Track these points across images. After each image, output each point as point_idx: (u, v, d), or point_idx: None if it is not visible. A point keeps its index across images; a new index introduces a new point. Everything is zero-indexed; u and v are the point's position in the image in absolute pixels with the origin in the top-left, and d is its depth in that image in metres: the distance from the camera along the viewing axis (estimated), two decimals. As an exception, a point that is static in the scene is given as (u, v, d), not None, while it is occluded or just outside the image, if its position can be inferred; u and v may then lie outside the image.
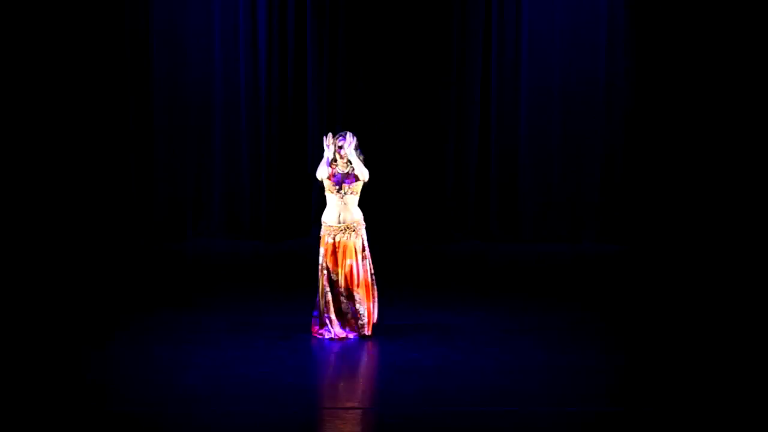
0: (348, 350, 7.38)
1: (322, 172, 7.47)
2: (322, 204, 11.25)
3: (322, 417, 5.77)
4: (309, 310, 8.24)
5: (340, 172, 7.50)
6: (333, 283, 7.51)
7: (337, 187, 7.49)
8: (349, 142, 7.46)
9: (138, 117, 11.31)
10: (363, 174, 7.46)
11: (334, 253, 7.51)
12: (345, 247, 7.49)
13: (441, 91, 11.45)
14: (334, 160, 7.50)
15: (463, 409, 5.81)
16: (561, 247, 11.43)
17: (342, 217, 7.50)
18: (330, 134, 7.50)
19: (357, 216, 7.55)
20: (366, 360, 7.11)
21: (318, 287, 7.55)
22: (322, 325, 7.51)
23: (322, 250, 7.54)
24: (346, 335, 7.48)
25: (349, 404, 6.11)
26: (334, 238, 7.50)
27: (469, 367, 6.69)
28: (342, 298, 7.48)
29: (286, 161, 11.49)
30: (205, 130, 11.49)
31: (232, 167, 11.52)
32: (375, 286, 7.59)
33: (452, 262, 10.86)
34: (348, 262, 7.48)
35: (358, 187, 7.53)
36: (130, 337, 7.40)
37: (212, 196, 11.57)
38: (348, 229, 7.51)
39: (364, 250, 7.57)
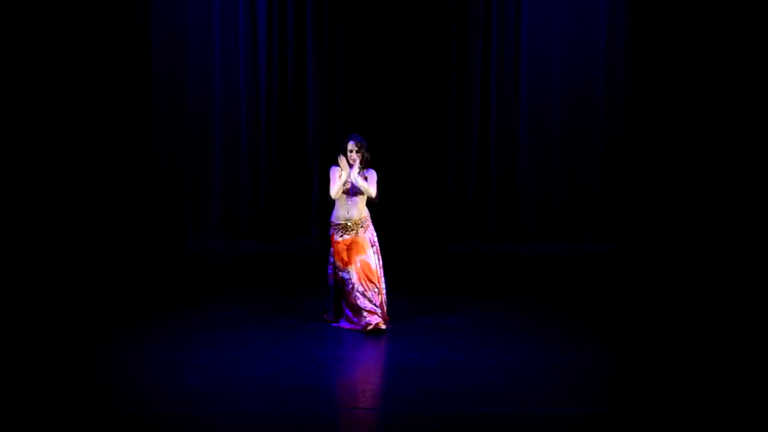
0: (348, 350, 7.39)
1: (335, 192, 7.64)
2: (322, 204, 11.33)
3: (321, 417, 5.77)
4: (308, 309, 8.27)
5: (352, 180, 7.66)
6: (344, 281, 7.62)
7: (349, 187, 7.65)
8: (355, 159, 7.62)
9: (138, 117, 11.31)
10: (370, 192, 7.62)
11: (345, 250, 7.63)
12: (356, 243, 7.62)
13: (441, 91, 11.45)
14: (350, 165, 7.69)
15: (463, 409, 5.81)
16: (560, 248, 11.43)
17: (350, 213, 7.64)
18: (342, 158, 7.65)
19: (364, 213, 7.70)
20: (366, 360, 7.12)
21: (328, 283, 7.77)
22: (337, 316, 7.75)
23: (332, 250, 7.66)
24: (357, 327, 7.62)
25: (349, 404, 6.11)
26: (344, 236, 7.62)
27: (469, 367, 6.69)
28: (357, 293, 7.59)
29: (286, 161, 11.49)
30: (205, 130, 11.48)
31: (231, 167, 11.52)
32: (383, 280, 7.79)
33: (452, 263, 10.85)
34: (360, 257, 7.62)
35: (365, 186, 7.66)
36: (130, 337, 7.40)
37: (212, 197, 11.57)
38: (356, 225, 7.63)
39: (373, 245, 7.71)
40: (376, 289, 7.63)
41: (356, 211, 7.68)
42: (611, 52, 11.36)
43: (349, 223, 7.65)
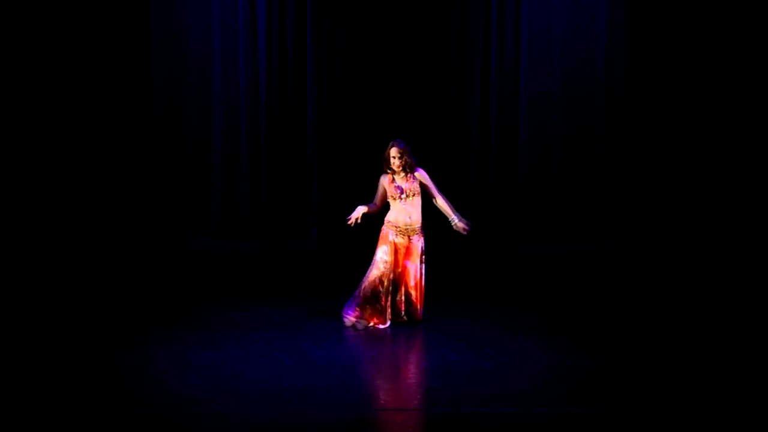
0: (348, 352, 7.39)
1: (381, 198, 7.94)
2: (323, 204, 11.33)
3: (320, 417, 5.77)
4: (308, 310, 8.27)
5: (401, 184, 7.79)
6: (390, 281, 7.72)
7: (399, 192, 7.75)
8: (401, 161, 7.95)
9: (138, 118, 11.30)
10: (440, 201, 8.08)
11: (398, 252, 7.74)
12: (409, 249, 7.76)
13: (441, 91, 11.45)
14: (393, 172, 7.81)
15: (463, 410, 5.82)
16: (560, 248, 11.43)
17: (412, 218, 7.80)
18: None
19: (421, 219, 7.86)
20: (366, 361, 7.12)
21: (369, 279, 7.80)
22: (379, 313, 7.81)
23: (386, 248, 7.71)
24: (378, 325, 7.79)
25: (348, 405, 6.11)
26: (398, 239, 7.73)
27: (468, 367, 6.70)
28: (399, 296, 7.79)
29: (285, 162, 11.49)
30: (204, 130, 11.47)
31: (231, 168, 11.51)
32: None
33: (451, 264, 10.85)
34: (408, 263, 7.76)
35: (417, 187, 7.89)
36: (131, 338, 7.41)
37: (212, 198, 11.56)
38: (414, 231, 7.78)
39: (423, 254, 7.82)
40: (414, 297, 7.82)
41: (417, 215, 7.89)
42: (611, 54, 11.36)
43: (408, 228, 7.79)
